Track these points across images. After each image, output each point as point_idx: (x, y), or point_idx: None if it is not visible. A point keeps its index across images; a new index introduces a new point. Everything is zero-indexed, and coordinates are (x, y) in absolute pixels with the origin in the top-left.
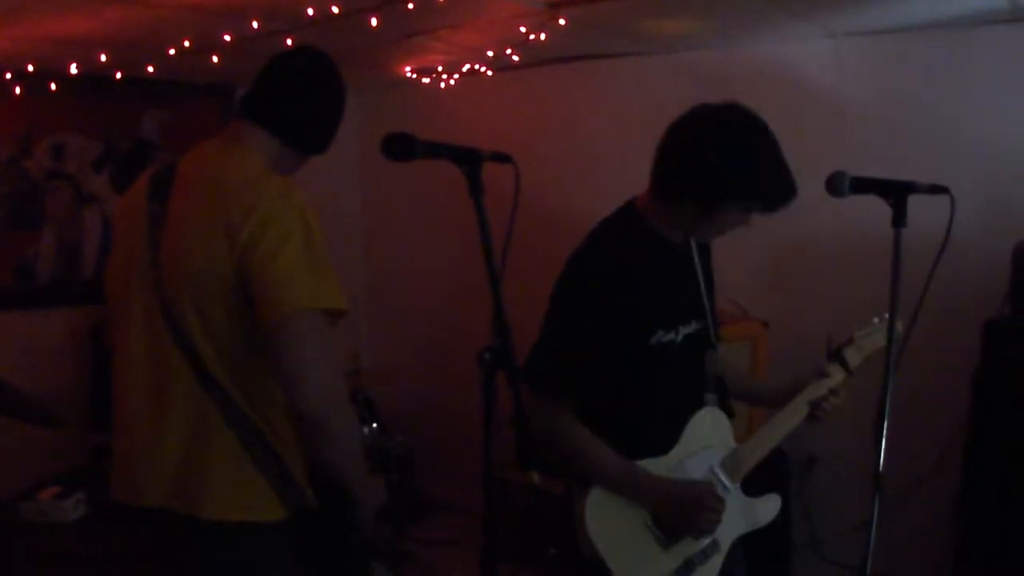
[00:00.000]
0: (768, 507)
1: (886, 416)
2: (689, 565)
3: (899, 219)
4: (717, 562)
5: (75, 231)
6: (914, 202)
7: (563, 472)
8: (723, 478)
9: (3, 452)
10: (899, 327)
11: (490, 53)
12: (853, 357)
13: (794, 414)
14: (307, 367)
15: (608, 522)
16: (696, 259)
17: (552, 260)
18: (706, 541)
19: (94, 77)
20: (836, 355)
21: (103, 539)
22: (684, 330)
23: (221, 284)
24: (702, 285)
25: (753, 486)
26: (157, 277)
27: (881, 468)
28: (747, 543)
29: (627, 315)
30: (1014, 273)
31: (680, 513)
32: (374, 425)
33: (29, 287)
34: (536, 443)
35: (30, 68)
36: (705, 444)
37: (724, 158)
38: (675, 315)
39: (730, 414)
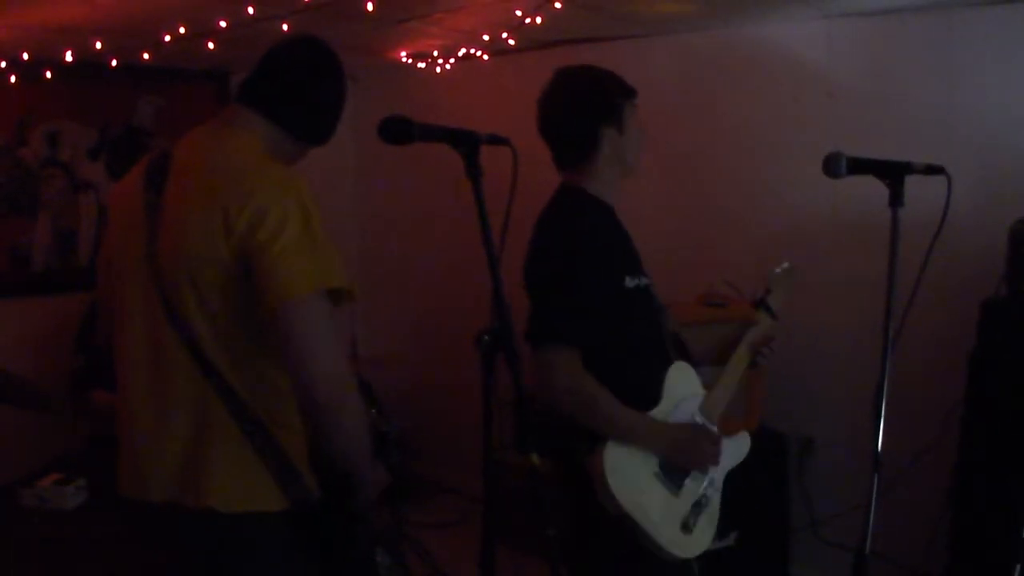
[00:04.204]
0: (741, 443)
1: (883, 397)
2: (697, 506)
3: (896, 199)
4: (717, 499)
5: (70, 218)
6: (910, 182)
7: (576, 430)
8: (704, 423)
9: (1, 438)
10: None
11: (486, 37)
12: (775, 301)
13: (740, 361)
14: (312, 352)
15: (627, 477)
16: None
17: None
18: (707, 482)
19: (89, 64)
20: (761, 304)
21: (103, 526)
22: (644, 280)
23: (220, 272)
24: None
25: (751, 467)
26: (156, 267)
27: (879, 449)
28: (746, 525)
29: (603, 261)
30: (1011, 252)
31: (689, 451)
32: (372, 410)
33: (25, 274)
34: (557, 403)
35: (25, 56)
36: (684, 395)
37: (590, 80)
38: (635, 265)
39: (695, 363)
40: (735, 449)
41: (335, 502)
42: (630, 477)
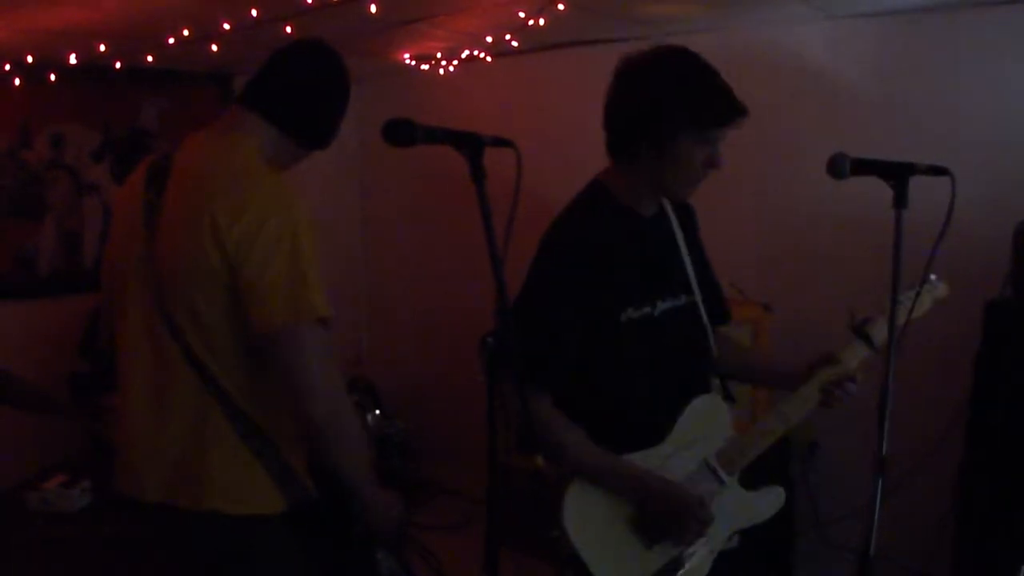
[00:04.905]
0: (769, 501)
1: (888, 399)
2: (675, 563)
3: (900, 200)
4: (707, 561)
5: (75, 221)
6: (914, 183)
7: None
8: (719, 471)
9: (5, 441)
10: (942, 291)
11: (489, 39)
12: (880, 332)
13: (805, 402)
14: (305, 376)
15: (588, 517)
16: (677, 232)
17: None
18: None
19: (93, 67)
20: (860, 330)
21: (108, 528)
22: (663, 304)
23: (210, 281)
24: (686, 259)
25: (753, 472)
26: (153, 270)
27: (883, 451)
28: (749, 528)
29: (590, 293)
30: (1015, 254)
31: (662, 516)
32: (377, 412)
33: (30, 277)
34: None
35: (29, 59)
36: (701, 434)
37: (659, 86)
38: (649, 290)
39: (729, 399)
40: (757, 506)
41: (333, 506)
42: (593, 518)
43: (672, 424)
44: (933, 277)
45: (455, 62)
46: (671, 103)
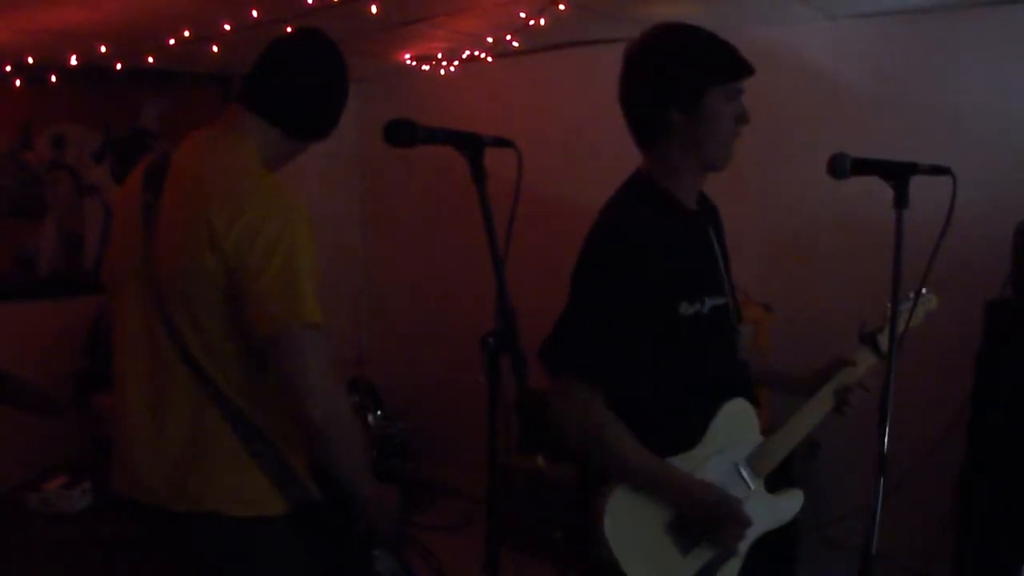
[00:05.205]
0: (790, 503)
1: (889, 399)
2: (707, 570)
3: (901, 200)
4: (735, 566)
5: (76, 221)
6: (915, 183)
7: (584, 462)
8: (747, 476)
9: (5, 441)
10: (932, 303)
11: (490, 39)
12: (886, 340)
13: (821, 405)
14: (304, 378)
15: (628, 525)
16: (711, 229)
17: (554, 245)
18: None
19: (94, 68)
20: (868, 338)
21: (109, 529)
22: (710, 302)
23: (207, 285)
24: (719, 257)
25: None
26: (151, 272)
27: (885, 450)
28: None
29: (651, 287)
30: (1015, 254)
31: (707, 522)
32: (378, 412)
33: (30, 278)
34: (560, 436)
35: (30, 60)
36: (733, 438)
37: (674, 50)
38: (698, 285)
39: (755, 403)
40: (779, 509)
41: (334, 506)
42: (632, 525)
43: (705, 427)
44: (924, 290)
45: (456, 62)
46: (690, 62)
